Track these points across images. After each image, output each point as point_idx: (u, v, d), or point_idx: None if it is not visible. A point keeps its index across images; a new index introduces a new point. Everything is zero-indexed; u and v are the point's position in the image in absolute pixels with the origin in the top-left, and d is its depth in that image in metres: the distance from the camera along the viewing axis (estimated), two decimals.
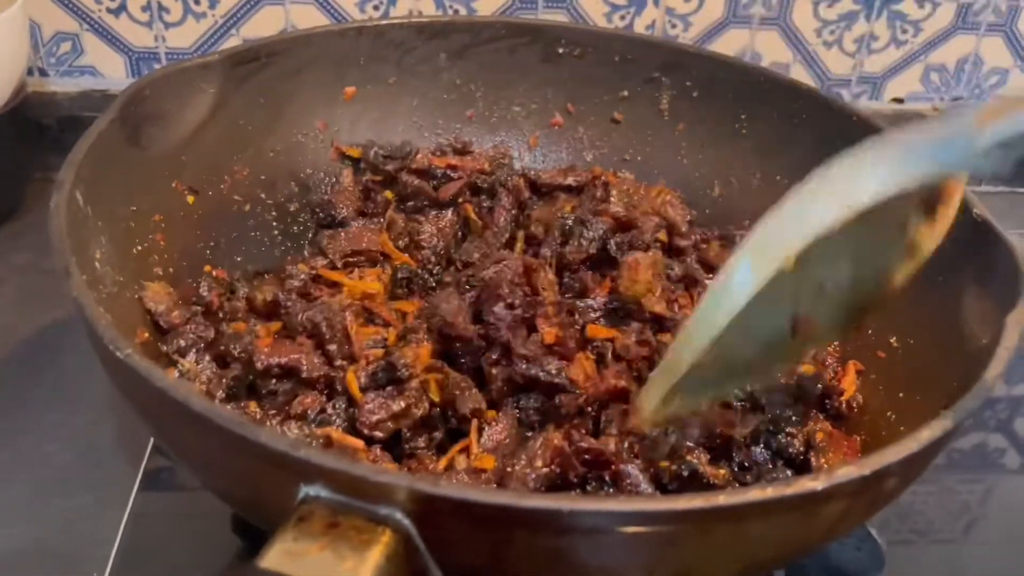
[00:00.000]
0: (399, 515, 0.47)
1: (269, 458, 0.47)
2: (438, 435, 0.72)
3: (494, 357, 0.74)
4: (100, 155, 0.76)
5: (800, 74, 1.47)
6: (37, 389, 1.01)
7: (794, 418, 0.73)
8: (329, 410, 0.68)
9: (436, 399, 0.71)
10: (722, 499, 0.46)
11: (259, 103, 0.97)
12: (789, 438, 0.70)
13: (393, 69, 1.06)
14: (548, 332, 0.75)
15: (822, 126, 0.97)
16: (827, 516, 0.51)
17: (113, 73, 1.40)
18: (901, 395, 0.77)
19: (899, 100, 1.55)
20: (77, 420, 0.95)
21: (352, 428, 0.68)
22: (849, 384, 0.81)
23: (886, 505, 0.58)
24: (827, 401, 0.78)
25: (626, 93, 1.09)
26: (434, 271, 0.94)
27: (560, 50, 1.08)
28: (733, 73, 1.03)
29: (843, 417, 0.78)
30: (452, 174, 1.04)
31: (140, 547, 0.83)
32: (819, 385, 0.79)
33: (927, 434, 0.52)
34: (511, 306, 0.77)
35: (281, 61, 0.97)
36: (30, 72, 1.39)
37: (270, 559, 0.44)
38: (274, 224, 0.99)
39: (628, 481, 0.61)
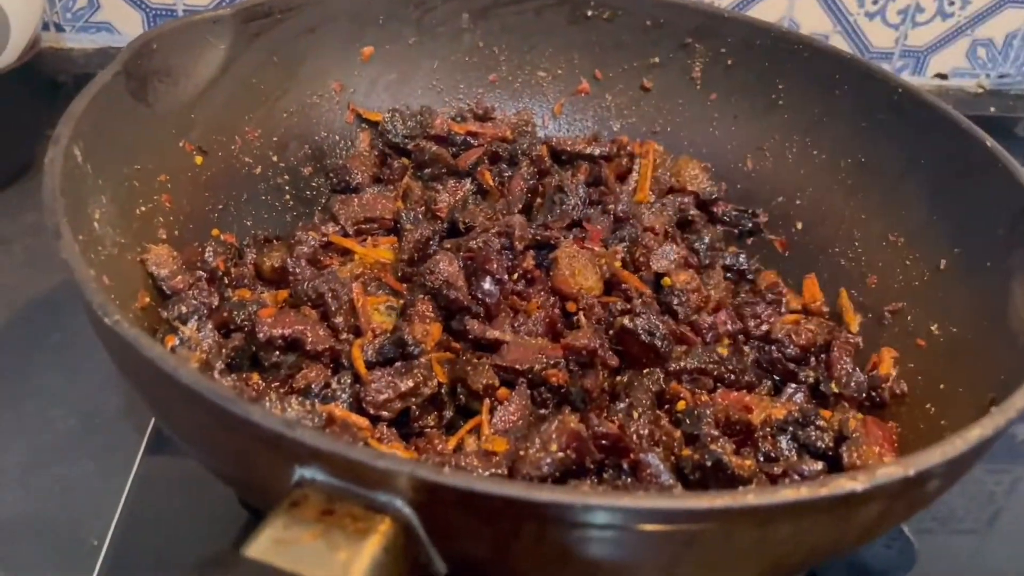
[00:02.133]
0: (400, 503, 0.43)
1: (261, 437, 0.44)
2: (448, 413, 0.69)
3: None
4: (102, 109, 0.72)
5: (839, 46, 1.40)
6: (41, 353, 0.98)
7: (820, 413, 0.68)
8: (334, 385, 0.64)
9: (443, 380, 0.68)
10: (751, 498, 0.42)
11: (272, 62, 0.93)
12: (819, 432, 0.66)
13: (413, 29, 1.01)
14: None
15: (865, 98, 0.91)
16: (864, 518, 0.47)
17: (130, 29, 1.37)
18: (942, 387, 0.72)
19: (943, 76, 1.48)
20: (82, 385, 0.93)
21: (358, 405, 0.65)
22: (887, 368, 0.77)
23: (926, 507, 0.54)
24: (872, 393, 0.74)
25: (657, 60, 1.04)
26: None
27: (589, 12, 1.03)
28: (770, 40, 0.98)
29: (883, 406, 0.74)
30: (472, 141, 0.99)
31: (142, 516, 0.81)
32: (863, 378, 0.74)
33: (977, 433, 0.48)
34: (499, 281, 0.74)
35: (296, 18, 0.93)
36: (45, 27, 1.37)
37: (257, 548, 0.41)
38: (286, 188, 0.95)
39: (648, 471, 0.57)
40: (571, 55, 1.06)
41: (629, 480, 0.59)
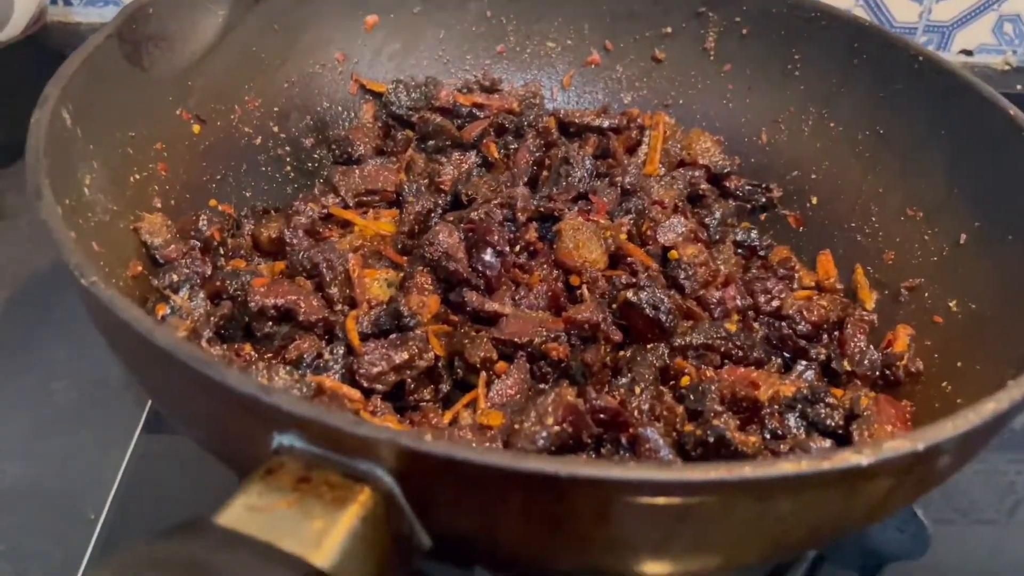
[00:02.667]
0: (381, 472, 0.41)
1: (237, 402, 0.42)
2: (445, 387, 0.67)
3: None
4: (95, 72, 0.70)
5: None
6: (45, 325, 0.98)
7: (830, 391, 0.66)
8: (326, 356, 0.62)
9: (440, 354, 0.66)
10: (748, 470, 0.39)
11: (273, 29, 0.91)
12: (828, 409, 0.63)
13: None
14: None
15: (884, 66, 0.88)
16: (870, 495, 0.45)
17: None
18: (959, 364, 0.69)
19: (968, 52, 1.44)
20: (84, 357, 0.92)
21: (351, 378, 0.63)
22: (902, 346, 0.74)
23: (937, 485, 0.51)
24: (887, 371, 0.71)
25: (669, 29, 1.01)
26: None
27: None
28: (787, 7, 0.94)
29: (897, 384, 0.71)
30: (478, 113, 0.97)
31: (140, 490, 0.80)
32: (877, 356, 0.72)
33: (991, 407, 0.45)
34: (500, 253, 0.72)
35: None
36: (53, 0, 1.36)
37: (229, 515, 0.39)
38: (287, 159, 0.93)
39: (647, 446, 0.55)
40: (581, 25, 1.03)
41: (627, 455, 0.56)
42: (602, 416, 0.57)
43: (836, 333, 0.77)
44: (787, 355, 0.74)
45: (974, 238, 0.76)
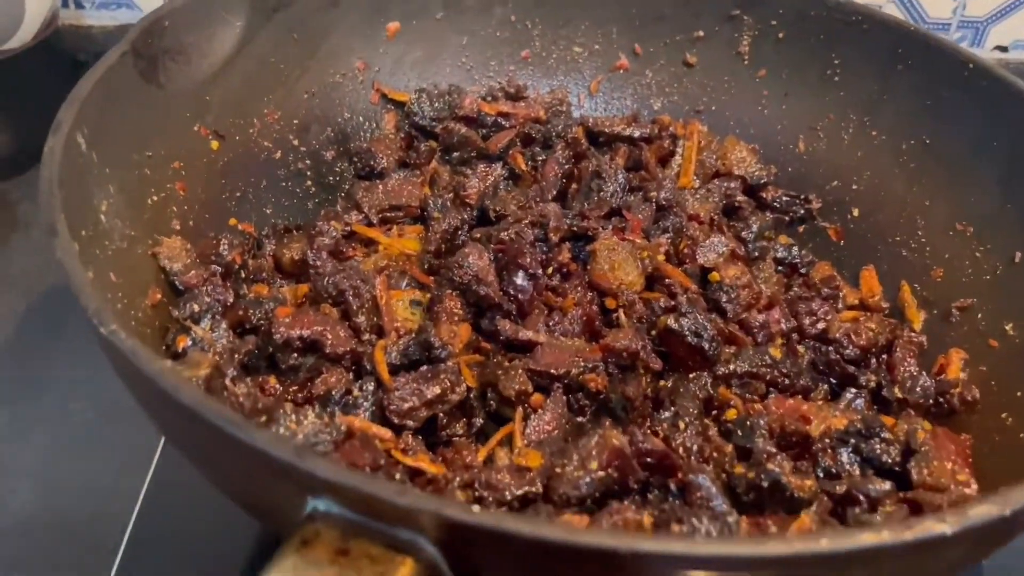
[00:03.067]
0: (424, 541, 0.38)
1: (270, 465, 0.39)
2: (478, 421, 0.64)
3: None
4: (109, 93, 0.67)
5: (894, 15, 1.32)
6: (62, 342, 0.95)
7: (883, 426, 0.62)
8: (355, 392, 0.60)
9: (472, 385, 0.63)
10: (825, 544, 0.36)
11: (292, 39, 0.88)
12: (884, 445, 0.60)
13: (440, 3, 0.95)
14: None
15: (930, 73, 0.84)
16: (948, 559, 0.42)
17: (151, 6, 1.31)
18: (1019, 394, 0.65)
19: (1003, 48, 1.39)
20: (102, 376, 0.88)
21: (381, 414, 0.60)
22: (955, 372, 0.70)
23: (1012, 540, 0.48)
24: (940, 399, 0.68)
25: (701, 33, 0.97)
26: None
27: None
28: (825, 10, 0.90)
29: (952, 413, 0.67)
30: (504, 122, 0.93)
31: (160, 516, 0.77)
32: (930, 383, 0.68)
33: None
34: (532, 275, 0.69)
35: None
36: (64, 4, 1.33)
37: None
38: (307, 174, 0.90)
39: (699, 493, 0.52)
40: (609, 29, 0.99)
41: (677, 503, 0.53)
42: (649, 459, 0.54)
43: (884, 356, 0.74)
44: (834, 381, 0.71)
45: None
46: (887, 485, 0.56)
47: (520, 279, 0.70)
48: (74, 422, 0.87)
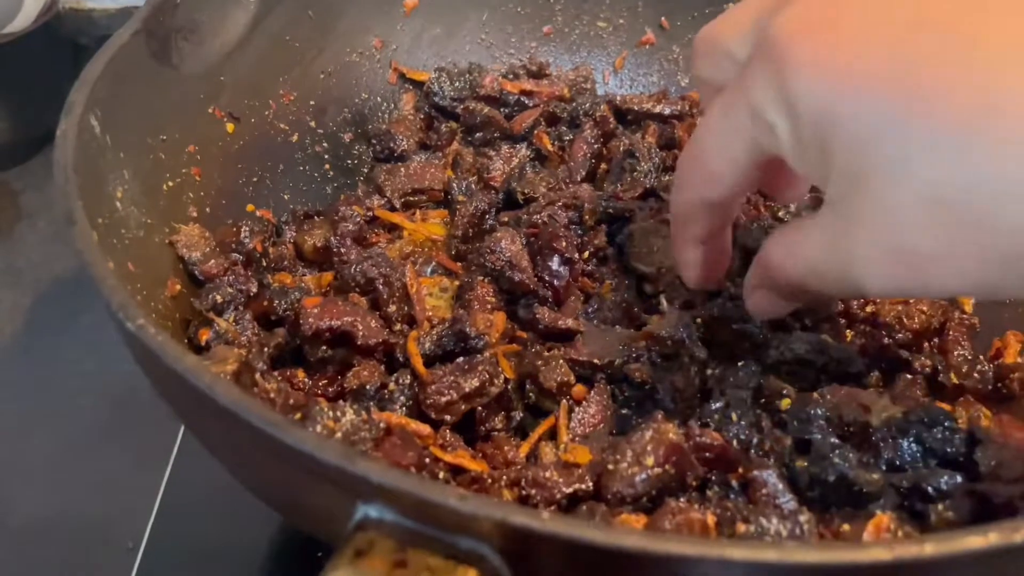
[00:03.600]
0: (487, 550, 0.35)
1: (318, 470, 0.36)
2: (517, 415, 0.61)
3: None
4: (122, 73, 0.64)
5: None
6: (70, 335, 0.93)
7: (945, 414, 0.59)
8: (391, 386, 0.56)
9: (510, 376, 0.60)
10: (929, 549, 0.33)
11: (307, 16, 0.84)
12: (948, 434, 0.57)
13: None
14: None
15: None
16: None
17: None
18: None
19: None
20: (113, 370, 0.86)
21: (417, 408, 0.57)
22: (1012, 357, 0.67)
23: None
24: (999, 384, 0.65)
25: (730, 6, 0.93)
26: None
27: None
28: None
29: (1012, 399, 0.64)
30: (527, 101, 0.90)
31: (180, 514, 0.75)
32: (988, 367, 0.65)
33: None
34: (568, 260, 0.65)
35: None
36: None
37: None
38: (325, 157, 0.86)
39: (764, 491, 0.49)
40: (634, 2, 0.95)
41: (740, 500, 0.50)
42: (708, 455, 0.51)
43: (935, 340, 0.71)
44: (886, 367, 0.68)
45: None
46: (956, 477, 0.53)
47: (555, 264, 0.67)
48: (85, 418, 0.84)
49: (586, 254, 0.70)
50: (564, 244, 0.67)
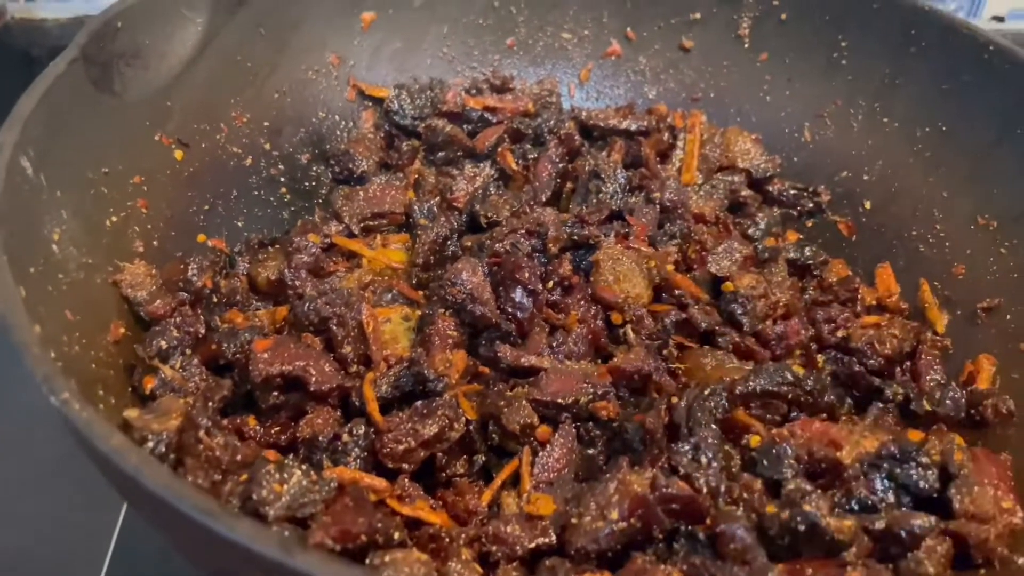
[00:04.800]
0: None
1: (253, 561, 0.33)
2: (480, 458, 0.59)
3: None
4: (58, 107, 0.61)
5: None
6: (22, 366, 0.89)
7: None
8: (345, 437, 0.54)
9: (472, 417, 0.58)
10: None
11: (259, 34, 0.81)
12: (921, 470, 0.55)
13: None
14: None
15: (947, 56, 0.78)
16: None
17: None
18: None
19: (999, 18, 1.35)
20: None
21: (374, 457, 0.54)
22: (985, 382, 0.66)
23: None
24: (972, 411, 0.63)
25: (698, 15, 0.91)
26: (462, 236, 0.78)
27: None
28: None
29: (986, 426, 0.63)
30: (490, 117, 0.87)
31: (137, 553, 0.72)
32: (960, 394, 0.64)
33: None
34: (531, 292, 0.63)
35: None
36: None
37: None
38: (281, 180, 0.83)
39: (733, 545, 0.47)
40: (599, 13, 0.93)
41: (707, 554, 0.48)
42: (674, 505, 0.49)
43: (908, 363, 0.69)
44: (858, 394, 0.66)
45: None
46: (930, 520, 0.51)
47: (519, 296, 0.64)
48: (40, 453, 0.81)
49: (551, 283, 0.67)
50: (527, 275, 0.64)
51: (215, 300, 0.68)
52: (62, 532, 0.75)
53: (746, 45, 0.90)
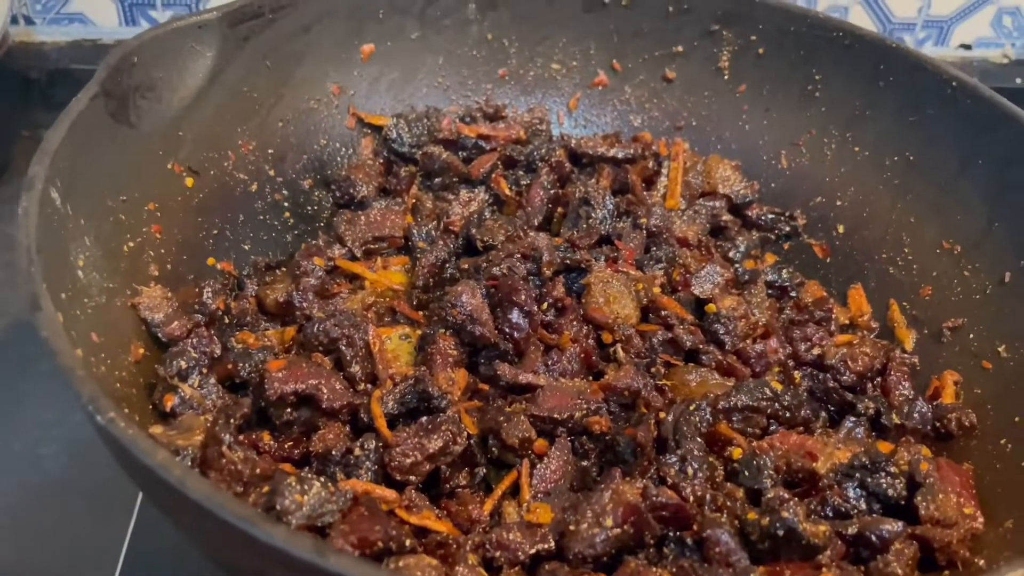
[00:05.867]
0: None
1: (288, 564, 0.37)
2: (481, 471, 0.63)
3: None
4: (81, 139, 0.64)
5: (861, 17, 1.33)
6: (28, 383, 0.91)
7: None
8: (357, 452, 0.58)
9: (473, 432, 0.62)
10: None
11: (264, 66, 0.85)
12: (889, 479, 0.60)
13: (416, 22, 0.93)
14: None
15: (914, 90, 0.84)
16: None
17: (105, 21, 1.28)
18: (1017, 420, 0.66)
19: (967, 46, 1.41)
20: (74, 418, 0.86)
21: (383, 470, 0.58)
22: (950, 397, 0.70)
23: None
24: (938, 424, 0.68)
25: (680, 48, 0.96)
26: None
27: None
28: (806, 26, 0.90)
29: (950, 438, 0.68)
30: (484, 145, 0.92)
31: (146, 567, 0.75)
32: (926, 408, 0.68)
33: None
34: (527, 313, 0.67)
35: (289, 17, 0.84)
36: (14, 20, 1.27)
37: None
38: (285, 205, 0.87)
39: (718, 549, 0.51)
40: (587, 45, 0.98)
41: (695, 558, 0.52)
42: (664, 513, 0.53)
43: (879, 379, 0.74)
44: (832, 409, 0.71)
45: (1021, 278, 0.73)
46: (898, 525, 0.56)
47: (515, 316, 0.68)
48: (46, 468, 0.83)
49: (545, 305, 0.72)
50: (524, 297, 0.69)
51: (227, 321, 0.72)
52: (70, 547, 0.76)
53: (726, 77, 0.96)
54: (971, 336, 0.75)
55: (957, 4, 1.35)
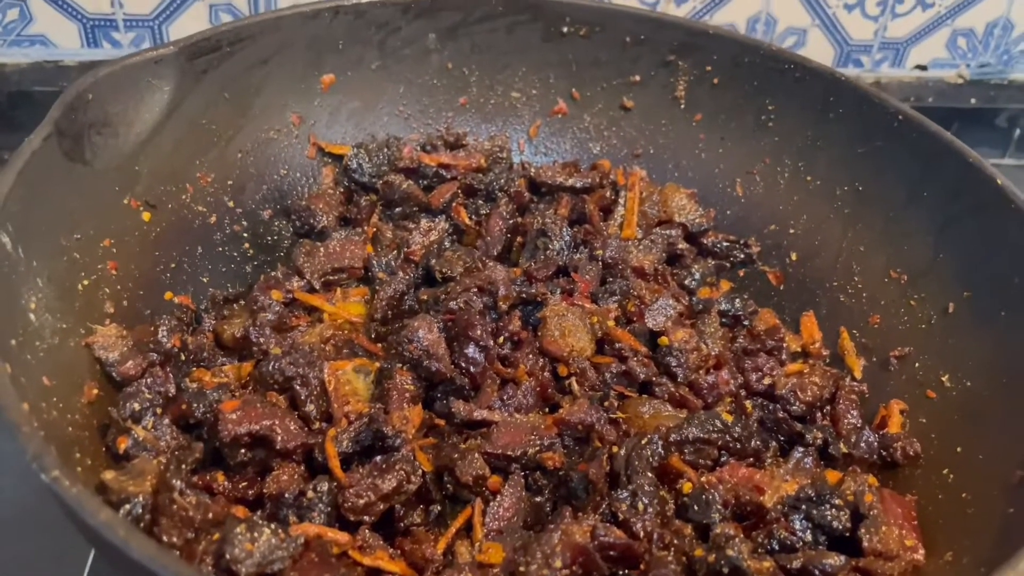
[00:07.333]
0: None
1: None
2: (436, 508, 0.63)
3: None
4: (34, 180, 0.64)
5: (818, 39, 1.35)
6: None
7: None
8: (310, 494, 0.58)
9: (428, 469, 0.62)
10: None
11: (223, 99, 0.85)
12: (835, 511, 0.61)
13: (376, 53, 0.94)
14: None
15: (862, 122, 0.86)
16: None
17: (66, 42, 1.26)
18: (959, 450, 0.68)
19: (922, 67, 1.44)
20: None
21: (336, 511, 0.59)
22: (896, 427, 0.72)
23: None
24: (884, 452, 0.70)
25: (638, 78, 0.97)
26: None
27: (564, 28, 0.96)
28: (759, 58, 0.91)
29: (895, 467, 0.69)
30: (444, 173, 0.92)
31: None
32: (873, 438, 0.70)
33: None
34: (483, 347, 0.68)
35: (247, 49, 0.85)
36: None
37: None
38: (244, 236, 0.87)
39: None
40: (546, 74, 0.99)
41: None
42: (612, 553, 0.54)
43: (828, 408, 0.76)
44: (782, 438, 0.72)
45: (964, 309, 0.75)
46: (841, 559, 0.57)
47: (471, 351, 0.69)
48: (4, 500, 0.83)
49: (501, 339, 0.73)
50: (479, 332, 0.69)
51: (183, 358, 0.72)
52: None
53: (682, 106, 0.97)
54: (917, 365, 0.77)
55: (912, 26, 1.38)
